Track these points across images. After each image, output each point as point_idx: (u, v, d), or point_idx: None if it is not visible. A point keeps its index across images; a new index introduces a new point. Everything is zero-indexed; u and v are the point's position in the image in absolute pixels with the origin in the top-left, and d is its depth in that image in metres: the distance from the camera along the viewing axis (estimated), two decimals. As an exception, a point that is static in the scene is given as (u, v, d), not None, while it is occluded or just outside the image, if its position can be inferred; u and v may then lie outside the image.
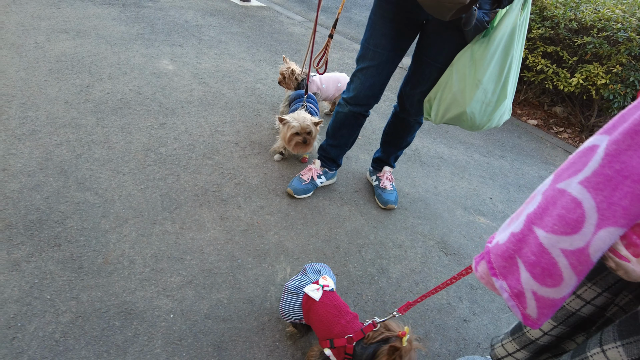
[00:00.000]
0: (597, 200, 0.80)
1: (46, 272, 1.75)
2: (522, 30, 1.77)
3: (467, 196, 2.85)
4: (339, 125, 2.34)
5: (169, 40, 4.03)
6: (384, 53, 1.99)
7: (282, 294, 1.59)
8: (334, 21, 2.19)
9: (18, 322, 1.56)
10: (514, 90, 1.94)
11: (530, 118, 4.26)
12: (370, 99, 2.16)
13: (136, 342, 1.58)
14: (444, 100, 1.92)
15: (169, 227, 2.06)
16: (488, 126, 1.95)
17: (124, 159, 2.42)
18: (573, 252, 0.84)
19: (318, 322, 1.47)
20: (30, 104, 2.70)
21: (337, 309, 1.49)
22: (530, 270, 0.91)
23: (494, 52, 1.75)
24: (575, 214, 0.83)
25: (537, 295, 0.92)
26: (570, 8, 3.81)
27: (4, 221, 1.92)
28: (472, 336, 1.92)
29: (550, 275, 0.88)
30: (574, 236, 0.83)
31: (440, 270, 2.21)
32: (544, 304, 0.92)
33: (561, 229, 0.85)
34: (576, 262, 0.84)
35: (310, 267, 1.64)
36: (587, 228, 0.82)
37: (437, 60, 1.94)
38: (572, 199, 0.84)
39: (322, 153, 2.52)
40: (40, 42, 3.47)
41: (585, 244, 0.82)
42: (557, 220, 0.86)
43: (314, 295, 1.50)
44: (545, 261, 0.88)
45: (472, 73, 1.81)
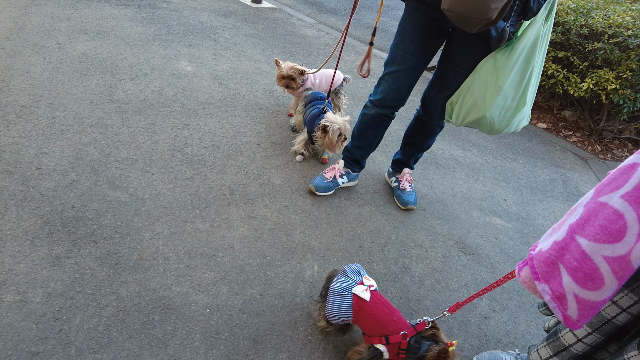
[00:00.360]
0: (638, 212, 0.89)
1: (85, 267, 1.82)
2: (545, 41, 1.85)
3: (483, 198, 2.92)
4: (365, 126, 2.42)
5: (185, 42, 4.09)
6: (412, 58, 2.07)
7: (329, 297, 1.59)
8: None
9: (64, 315, 1.63)
10: (534, 97, 2.02)
11: (540, 121, 4.33)
12: (398, 101, 2.24)
13: (176, 336, 1.65)
14: (465, 104, 2.00)
15: (200, 225, 2.13)
16: (506, 131, 2.03)
17: (151, 159, 2.48)
18: (615, 258, 0.92)
19: (371, 321, 1.53)
20: (57, 103, 2.77)
21: (386, 306, 1.56)
22: (572, 275, 1.00)
23: (515, 60, 1.83)
24: (618, 225, 0.92)
25: (578, 297, 1.00)
26: (581, 14, 3.89)
27: (42, 218, 1.98)
28: (493, 332, 1.99)
29: (592, 279, 0.97)
30: (616, 244, 0.92)
31: (460, 269, 2.28)
32: (585, 306, 1.00)
33: (604, 238, 0.94)
34: (618, 267, 0.93)
35: (349, 269, 1.68)
36: (629, 237, 0.90)
37: (462, 67, 2.01)
38: (614, 211, 0.93)
39: (347, 154, 2.61)
40: (61, 43, 3.53)
41: (628, 251, 0.90)
42: (599, 230, 0.95)
43: (364, 295, 1.55)
44: (588, 267, 0.97)
45: (493, 80, 1.89)
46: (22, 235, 1.88)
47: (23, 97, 2.76)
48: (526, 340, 2.00)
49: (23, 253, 1.81)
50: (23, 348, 1.50)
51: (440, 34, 2.02)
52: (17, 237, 1.87)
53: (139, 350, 1.57)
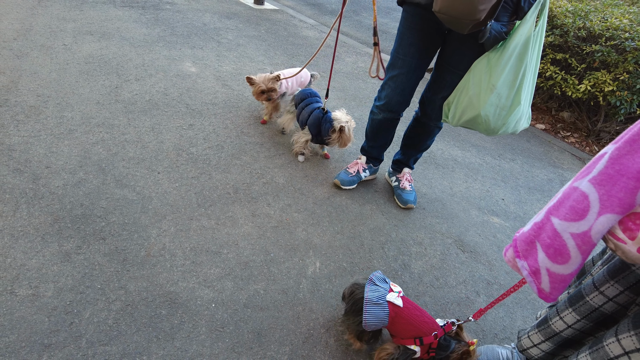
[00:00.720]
0: (600, 193, 1.00)
1: (94, 263, 1.88)
2: (538, 40, 1.89)
3: (481, 197, 2.97)
4: (376, 129, 2.55)
5: (189, 43, 4.15)
6: (412, 61, 2.14)
7: (366, 307, 1.60)
8: (376, 32, 2.29)
9: (74, 309, 1.68)
10: (531, 98, 2.06)
11: (538, 122, 4.38)
12: (402, 104, 2.33)
13: (182, 329, 1.71)
14: (461, 104, 2.05)
15: (205, 223, 2.19)
16: (504, 131, 2.07)
17: (157, 158, 2.54)
18: (579, 234, 1.04)
19: (406, 325, 1.60)
20: (65, 104, 2.83)
21: (417, 309, 1.63)
22: (545, 251, 1.11)
23: (508, 59, 1.87)
24: (583, 205, 1.03)
25: (550, 271, 1.12)
26: (580, 17, 3.94)
27: (52, 215, 2.04)
28: (490, 327, 2.04)
29: (561, 254, 1.08)
30: (580, 222, 1.03)
31: (458, 266, 2.34)
32: (556, 279, 1.12)
33: (571, 217, 1.05)
34: (581, 242, 1.04)
35: (375, 277, 1.70)
36: (590, 215, 1.01)
37: (458, 68, 2.07)
38: (581, 193, 1.04)
39: (365, 153, 2.76)
40: (67, 44, 3.59)
41: (589, 227, 1.02)
42: (569, 210, 1.06)
43: (397, 302, 1.61)
44: (558, 243, 1.08)
45: (487, 78, 1.93)
46: (33, 232, 1.94)
47: (31, 98, 2.82)
48: (522, 335, 2.06)
49: (34, 249, 1.87)
50: (36, 340, 1.56)
51: (437, 36, 2.08)
52: (28, 233, 1.93)
53: (147, 343, 1.63)
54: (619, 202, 0.96)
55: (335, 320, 1.88)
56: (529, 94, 1.99)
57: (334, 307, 1.94)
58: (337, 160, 2.96)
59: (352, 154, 3.05)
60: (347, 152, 3.07)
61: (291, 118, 2.92)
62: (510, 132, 2.08)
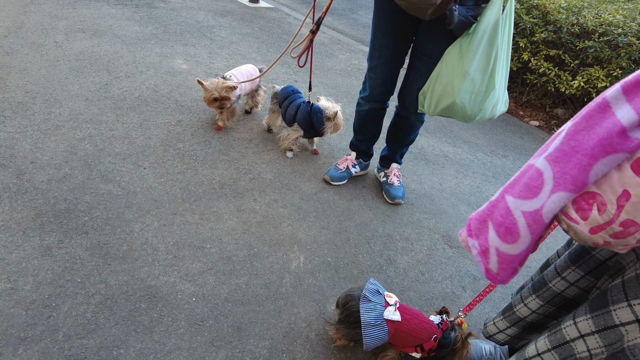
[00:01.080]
0: (554, 170, 0.97)
1: (76, 257, 1.87)
2: (507, 22, 1.86)
3: (471, 193, 2.95)
4: (363, 121, 2.56)
5: (182, 40, 4.15)
6: (387, 51, 2.16)
7: (363, 331, 1.55)
8: (318, 20, 2.24)
9: (53, 302, 1.68)
10: (506, 82, 2.02)
11: (532, 119, 4.36)
12: (385, 94, 2.35)
13: (161, 323, 1.70)
14: (436, 92, 2.03)
15: (189, 218, 2.18)
16: (481, 117, 2.03)
17: (144, 154, 2.53)
18: (530, 212, 1.02)
19: (406, 336, 1.57)
20: (53, 100, 2.83)
21: (415, 317, 1.61)
22: (496, 230, 1.10)
23: (478, 43, 1.85)
24: (537, 182, 1.00)
25: (499, 251, 1.10)
26: (573, 13, 3.92)
27: (35, 210, 2.04)
28: (475, 322, 2.03)
29: (511, 233, 1.06)
30: (533, 200, 1.01)
31: (444, 261, 2.32)
32: (504, 259, 1.10)
33: (524, 195, 1.03)
34: (532, 221, 1.02)
35: (368, 292, 1.62)
36: (543, 193, 0.99)
37: (431, 57, 2.06)
38: (536, 170, 1.01)
39: (354, 148, 2.75)
40: (59, 41, 3.59)
41: (540, 205, 1.00)
42: (523, 187, 1.04)
43: (395, 317, 1.57)
44: (509, 221, 1.06)
45: (460, 65, 1.91)
46: (14, 226, 1.94)
47: (20, 94, 2.82)
48: (507, 330, 2.04)
49: (15, 243, 1.87)
50: (12, 333, 1.55)
51: (408, 24, 2.06)
52: (9, 228, 1.93)
53: (124, 336, 1.62)
54: (572, 179, 0.94)
55: (318, 314, 1.87)
56: (503, 77, 1.97)
57: (317, 301, 1.92)
58: (327, 156, 2.95)
59: (342, 150, 3.04)
60: (336, 148, 3.06)
61: (276, 116, 2.90)
62: (487, 117, 2.05)
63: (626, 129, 0.87)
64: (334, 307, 1.81)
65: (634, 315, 1.07)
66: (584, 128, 0.94)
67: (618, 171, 0.90)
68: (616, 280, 1.17)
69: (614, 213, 0.91)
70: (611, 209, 0.91)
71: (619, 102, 0.90)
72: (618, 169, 0.90)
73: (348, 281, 2.06)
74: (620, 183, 0.89)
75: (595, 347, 1.18)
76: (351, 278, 2.08)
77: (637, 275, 1.11)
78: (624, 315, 1.10)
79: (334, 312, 1.83)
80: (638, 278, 1.10)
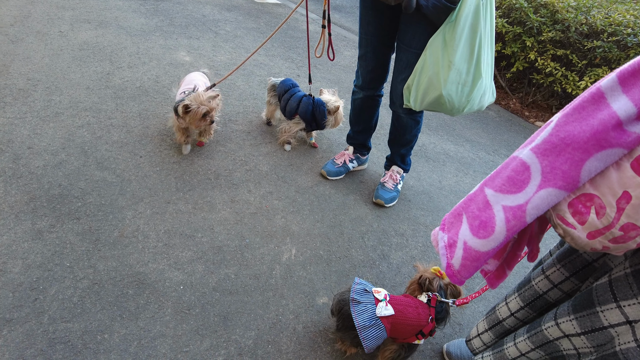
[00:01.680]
0: (542, 164, 0.90)
1: (66, 242, 1.87)
2: (488, 8, 1.80)
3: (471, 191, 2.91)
4: (359, 110, 2.54)
5: (186, 33, 4.15)
6: (373, 39, 2.15)
7: (361, 333, 1.51)
8: (325, 15, 2.25)
9: (40, 285, 1.68)
10: (492, 70, 1.96)
11: (538, 120, 4.30)
12: (376, 81, 2.34)
13: (147, 309, 1.69)
14: (422, 85, 1.96)
15: (182, 207, 2.17)
16: (469, 109, 1.96)
17: (141, 142, 2.53)
18: (512, 207, 0.95)
19: (406, 326, 1.55)
20: (54, 88, 2.84)
21: (409, 305, 1.58)
22: (470, 223, 1.03)
23: (461, 32, 1.78)
24: (523, 176, 0.94)
25: (466, 245, 1.03)
26: (582, 12, 3.85)
27: (29, 194, 2.04)
28: (467, 321, 1.99)
29: (485, 227, 0.99)
30: (517, 194, 0.94)
31: (439, 259, 2.28)
32: (469, 255, 1.03)
33: (507, 188, 0.96)
34: (511, 216, 0.95)
35: (356, 294, 1.58)
36: (530, 188, 0.92)
37: (411, 46, 2.01)
38: (521, 162, 0.94)
39: (351, 140, 2.73)
40: (64, 31, 3.61)
41: (525, 201, 0.93)
42: (505, 180, 0.97)
43: (388, 312, 1.53)
44: (486, 215, 0.99)
45: (445, 55, 1.85)
46: (7, 210, 1.94)
47: (21, 81, 2.83)
48: (500, 330, 2.00)
49: (7, 226, 1.87)
50: (-2, 314, 1.55)
51: (388, 13, 2.03)
52: (2, 211, 1.93)
53: (110, 322, 1.62)
54: (563, 175, 0.87)
55: (307, 307, 1.85)
56: (489, 65, 1.91)
57: (306, 294, 1.90)
58: (325, 150, 2.93)
59: (341, 145, 3.01)
60: (335, 142, 3.03)
61: (274, 109, 2.88)
62: (476, 109, 1.99)
63: (622, 122, 0.81)
64: (329, 314, 1.79)
65: (624, 316, 1.03)
66: (575, 119, 0.86)
67: (617, 171, 0.83)
68: (601, 279, 1.12)
69: (614, 217, 0.85)
70: (610, 212, 0.85)
71: (614, 92, 0.83)
72: (617, 168, 0.83)
73: (339, 275, 2.03)
74: (620, 184, 0.83)
75: (582, 347, 1.14)
76: (342, 272, 2.05)
77: (626, 274, 1.06)
78: (613, 316, 1.05)
79: (330, 318, 1.80)
80: (627, 278, 1.05)
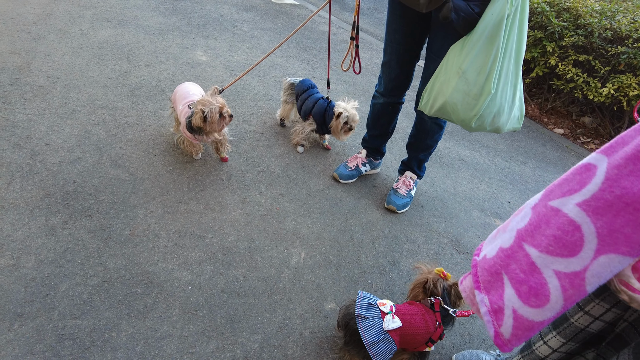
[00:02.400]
0: (597, 225, 0.78)
1: (78, 238, 1.89)
2: (516, 21, 1.70)
3: (485, 199, 2.86)
4: (377, 115, 2.51)
5: (203, 33, 4.18)
6: (399, 47, 2.14)
7: (371, 349, 1.47)
8: (355, 26, 2.25)
9: (51, 281, 1.70)
10: (512, 89, 1.83)
11: (557, 127, 4.20)
12: (398, 89, 2.32)
13: (155, 309, 1.69)
14: (434, 90, 1.93)
15: (194, 207, 2.18)
16: (478, 124, 1.86)
17: (155, 141, 2.55)
18: (567, 274, 0.82)
19: (415, 336, 1.52)
20: (72, 85, 2.88)
21: (415, 314, 1.55)
22: (516, 288, 0.90)
23: (477, 41, 1.72)
24: (574, 237, 0.81)
25: (516, 314, 0.90)
26: (606, 17, 3.75)
27: (44, 190, 2.07)
28: (478, 332, 1.95)
29: (537, 295, 0.87)
30: (570, 259, 0.82)
31: (452, 267, 2.24)
32: (521, 325, 0.90)
33: (557, 250, 0.84)
34: (568, 285, 0.83)
35: (361, 309, 1.54)
36: (585, 252, 0.80)
37: (439, 56, 1.97)
38: (569, 220, 0.82)
39: (366, 144, 2.70)
40: (84, 30, 3.67)
41: (582, 268, 0.80)
42: (552, 240, 0.84)
43: (396, 324, 1.51)
44: (535, 280, 0.87)
45: (458, 62, 1.79)
46: (23, 205, 1.97)
47: (42, 78, 2.89)
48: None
49: (22, 221, 1.90)
50: (9, 309, 1.57)
51: (420, 21, 2.02)
52: (18, 206, 1.97)
53: (117, 320, 1.62)
54: (626, 239, 0.75)
55: (314, 312, 1.83)
56: (508, 84, 1.79)
57: (314, 298, 1.89)
58: (338, 153, 2.91)
59: (354, 148, 2.99)
60: (348, 146, 3.01)
61: (290, 108, 2.88)
62: (489, 128, 1.88)
63: None
64: (336, 327, 1.76)
65: None
66: (631, 173, 0.74)
67: None
68: None
69: None
70: None
71: None
72: None
73: (348, 280, 2.01)
74: None
75: None
76: (352, 277, 2.03)
77: None
78: None
79: (336, 330, 1.76)
80: None
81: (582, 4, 3.92)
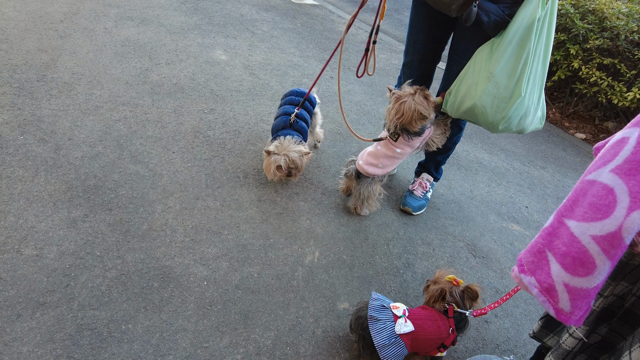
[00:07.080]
0: (629, 185, 0.83)
1: (98, 232, 1.94)
2: (546, 25, 1.71)
3: (503, 203, 2.82)
4: None
5: (224, 32, 4.23)
6: (421, 48, 2.13)
7: (382, 352, 1.49)
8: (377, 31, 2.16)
9: (72, 272, 1.74)
10: (540, 93, 1.86)
11: (578, 131, 4.11)
12: None
13: (171, 303, 1.73)
14: (460, 92, 1.92)
15: (211, 204, 2.21)
16: (506, 126, 1.88)
17: (174, 138, 2.60)
18: (604, 237, 0.86)
19: (427, 341, 1.53)
20: (96, 82, 2.95)
21: (428, 319, 1.56)
22: (561, 262, 0.92)
23: (508, 44, 1.72)
24: (607, 200, 0.86)
25: (569, 287, 0.93)
26: (633, 19, 3.65)
27: (67, 184, 2.13)
28: (492, 337, 1.93)
29: (582, 264, 0.89)
30: (604, 221, 0.86)
31: (466, 271, 2.22)
32: (577, 295, 0.92)
33: (592, 216, 0.87)
34: (608, 246, 0.86)
35: (373, 311, 1.54)
36: (618, 212, 0.84)
37: (464, 57, 1.96)
38: (603, 186, 0.87)
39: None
40: (108, 28, 3.76)
41: (617, 227, 0.84)
42: (587, 208, 0.88)
43: (408, 329, 1.51)
44: (576, 250, 0.90)
45: (487, 66, 1.79)
46: (47, 198, 2.03)
47: (67, 75, 2.96)
48: (527, 349, 1.92)
49: (45, 213, 1.96)
50: (32, 297, 1.62)
51: (444, 23, 2.01)
52: (42, 199, 2.02)
53: (134, 312, 1.66)
54: None
55: (327, 311, 1.84)
56: (536, 87, 1.82)
57: (327, 297, 1.89)
58: (354, 153, 2.90)
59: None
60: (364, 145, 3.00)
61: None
62: (514, 129, 1.90)
63: None
64: (348, 330, 1.75)
65: None
66: None
67: None
68: None
69: None
70: None
71: None
72: None
73: (361, 281, 2.01)
74: None
75: None
76: (365, 278, 2.03)
77: None
78: None
79: (349, 334, 1.75)
80: None
81: (608, 6, 3.83)
